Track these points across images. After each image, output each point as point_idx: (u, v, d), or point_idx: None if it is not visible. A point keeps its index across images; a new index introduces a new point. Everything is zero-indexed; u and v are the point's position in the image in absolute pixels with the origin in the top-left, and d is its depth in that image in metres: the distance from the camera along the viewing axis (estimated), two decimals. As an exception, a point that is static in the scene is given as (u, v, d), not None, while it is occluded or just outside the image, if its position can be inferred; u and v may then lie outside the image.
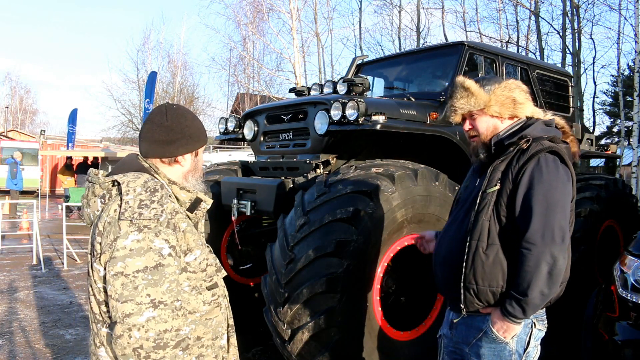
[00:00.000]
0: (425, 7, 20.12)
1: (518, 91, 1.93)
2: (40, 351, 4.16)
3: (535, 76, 5.16)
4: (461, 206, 1.99)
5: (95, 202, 1.49)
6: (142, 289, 1.31)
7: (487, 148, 1.94)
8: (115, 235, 1.35)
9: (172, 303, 1.35)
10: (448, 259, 1.93)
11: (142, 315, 1.30)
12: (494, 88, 1.91)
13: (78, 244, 9.04)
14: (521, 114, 1.92)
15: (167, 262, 1.36)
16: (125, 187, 1.41)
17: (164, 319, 1.32)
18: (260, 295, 4.39)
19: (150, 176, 1.49)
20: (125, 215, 1.36)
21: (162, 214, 1.39)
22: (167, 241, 1.38)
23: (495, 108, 1.90)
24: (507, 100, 1.90)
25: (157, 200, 1.40)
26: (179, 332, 1.36)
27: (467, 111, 1.94)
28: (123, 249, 1.33)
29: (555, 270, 1.69)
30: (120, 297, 1.31)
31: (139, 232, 1.35)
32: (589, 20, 16.79)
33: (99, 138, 31.02)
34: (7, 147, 19.38)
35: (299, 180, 3.75)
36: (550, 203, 1.72)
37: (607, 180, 5.05)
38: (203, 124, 1.66)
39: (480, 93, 1.91)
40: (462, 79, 1.96)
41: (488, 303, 1.82)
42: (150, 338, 1.30)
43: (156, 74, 13.46)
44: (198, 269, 1.51)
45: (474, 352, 1.87)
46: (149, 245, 1.34)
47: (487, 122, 1.93)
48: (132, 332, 1.29)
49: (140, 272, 1.32)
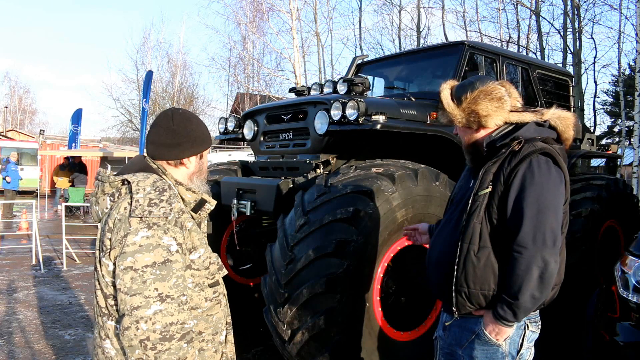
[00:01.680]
0: (426, 7, 20.10)
1: (485, 102, 1.86)
2: (39, 351, 4.15)
3: (536, 76, 5.15)
4: (455, 207, 1.98)
5: (104, 200, 1.54)
6: (150, 283, 1.37)
7: (470, 153, 1.96)
8: (126, 231, 1.41)
9: (179, 297, 1.41)
10: (440, 261, 1.92)
11: (149, 308, 1.35)
12: (463, 99, 1.89)
13: (77, 244, 9.03)
14: (489, 124, 1.88)
15: (175, 259, 1.42)
16: (136, 186, 1.46)
17: (171, 312, 1.38)
18: (260, 295, 4.39)
19: (159, 177, 1.55)
20: (136, 212, 1.42)
21: (170, 213, 1.45)
22: (175, 238, 1.44)
23: (463, 121, 1.91)
24: (472, 114, 1.88)
25: (166, 200, 1.46)
26: (184, 326, 1.41)
27: (445, 122, 1.99)
28: (133, 244, 1.39)
29: (546, 274, 1.68)
30: (129, 290, 1.36)
31: (149, 229, 1.41)
32: (589, 19, 16.80)
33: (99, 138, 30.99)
34: (6, 147, 19.37)
35: (299, 180, 3.74)
36: (541, 206, 1.70)
37: (608, 180, 5.04)
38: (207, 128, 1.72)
39: (449, 107, 1.92)
40: (443, 87, 1.97)
41: (480, 306, 1.81)
42: (157, 330, 1.35)
43: (152, 74, 13.42)
44: (201, 266, 1.57)
45: (467, 355, 1.87)
46: (157, 241, 1.40)
47: (464, 131, 1.96)
48: (140, 324, 1.34)
49: (149, 267, 1.38)
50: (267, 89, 20.64)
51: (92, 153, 18.39)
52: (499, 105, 1.87)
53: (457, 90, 1.94)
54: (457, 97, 1.91)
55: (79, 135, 17.06)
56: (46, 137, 24.29)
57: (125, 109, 28.11)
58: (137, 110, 26.82)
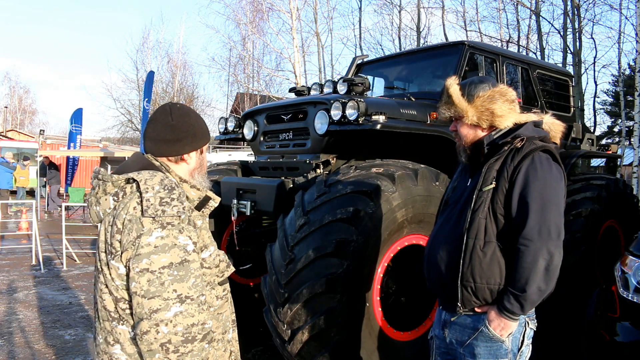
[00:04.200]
0: (426, 7, 20.09)
1: (500, 102, 1.91)
2: (39, 352, 4.15)
3: (535, 76, 5.15)
4: (453, 206, 2.01)
5: (106, 200, 1.49)
6: (169, 285, 1.33)
7: (467, 151, 2.00)
8: (139, 232, 1.36)
9: (198, 297, 1.38)
10: (444, 258, 1.94)
11: (169, 310, 1.32)
12: (476, 96, 1.91)
13: (77, 244, 9.03)
14: (501, 125, 1.92)
15: (192, 258, 1.40)
16: (144, 185, 1.41)
17: (191, 313, 1.35)
18: (260, 295, 4.39)
19: (164, 175, 1.50)
20: (149, 212, 1.37)
21: (183, 212, 1.42)
22: (190, 237, 1.41)
23: (474, 118, 1.93)
24: (486, 112, 1.91)
25: (177, 198, 1.42)
26: (205, 326, 1.39)
27: (448, 117, 2.00)
28: (148, 245, 1.35)
29: (552, 265, 1.73)
30: (146, 293, 1.32)
31: (162, 229, 1.37)
32: (589, 19, 16.79)
33: (99, 138, 30.99)
34: (6, 147, 19.36)
35: (299, 180, 3.74)
36: (545, 200, 1.77)
37: (608, 180, 5.03)
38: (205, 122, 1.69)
39: (461, 103, 1.93)
40: (449, 82, 1.97)
41: (485, 301, 1.84)
42: (178, 332, 1.32)
43: (154, 74, 13.45)
44: (212, 264, 1.57)
45: (469, 352, 1.89)
46: (173, 241, 1.37)
47: (467, 129, 1.97)
48: (160, 327, 1.31)
49: (166, 269, 1.34)
50: (267, 89, 20.65)
51: (93, 153, 18.38)
52: (512, 107, 1.93)
53: (468, 87, 1.95)
54: (469, 94, 1.93)
55: (80, 134, 17.03)
56: (46, 137, 24.26)
57: (125, 109, 28.11)
58: (137, 110, 26.82)
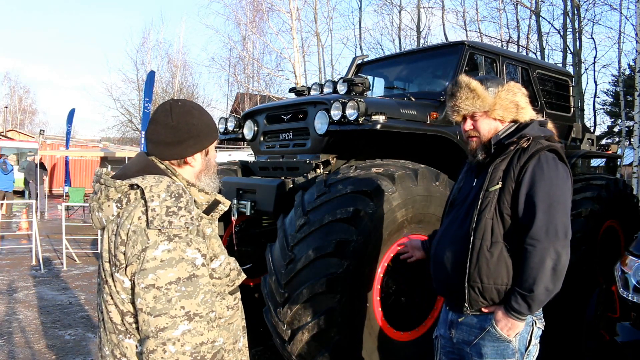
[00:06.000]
0: (426, 7, 20.11)
1: (520, 95, 1.95)
2: (39, 352, 4.15)
3: (535, 76, 5.15)
4: (459, 206, 2.00)
5: (110, 206, 1.39)
6: (176, 302, 1.25)
7: (486, 149, 1.96)
8: (144, 245, 1.27)
9: (207, 315, 1.30)
10: (450, 258, 1.93)
11: (177, 328, 1.24)
12: (497, 91, 1.93)
13: (77, 244, 9.03)
14: (522, 118, 1.95)
15: (201, 273, 1.30)
16: (149, 193, 1.30)
17: (200, 331, 1.26)
18: (260, 295, 4.38)
19: (170, 179, 1.38)
20: (155, 224, 1.27)
21: (192, 222, 1.32)
22: (199, 250, 1.32)
23: (500, 112, 1.93)
24: (510, 105, 1.93)
25: (184, 207, 1.32)
26: (214, 344, 1.31)
27: (471, 112, 1.95)
28: (153, 260, 1.25)
29: (559, 265, 1.73)
30: (152, 310, 1.24)
31: (169, 242, 1.27)
32: (589, 19, 16.82)
33: (99, 138, 31.00)
34: (6, 147, 19.36)
35: (299, 180, 3.74)
36: (552, 200, 1.76)
37: (608, 180, 5.03)
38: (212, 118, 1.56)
39: (486, 96, 1.92)
40: (467, 79, 1.96)
41: (492, 301, 1.84)
42: (186, 352, 1.24)
43: (154, 74, 13.45)
44: (223, 274, 1.47)
45: (476, 352, 1.88)
46: (180, 255, 1.28)
47: (490, 124, 1.95)
48: (167, 346, 1.23)
49: (173, 284, 1.25)
50: (267, 89, 20.67)
51: (93, 153, 18.41)
52: (528, 101, 1.97)
53: (485, 82, 1.96)
54: (489, 88, 1.94)
55: (69, 134, 17.06)
56: (46, 137, 24.25)
57: (125, 109, 28.15)
58: (137, 110, 26.82)
